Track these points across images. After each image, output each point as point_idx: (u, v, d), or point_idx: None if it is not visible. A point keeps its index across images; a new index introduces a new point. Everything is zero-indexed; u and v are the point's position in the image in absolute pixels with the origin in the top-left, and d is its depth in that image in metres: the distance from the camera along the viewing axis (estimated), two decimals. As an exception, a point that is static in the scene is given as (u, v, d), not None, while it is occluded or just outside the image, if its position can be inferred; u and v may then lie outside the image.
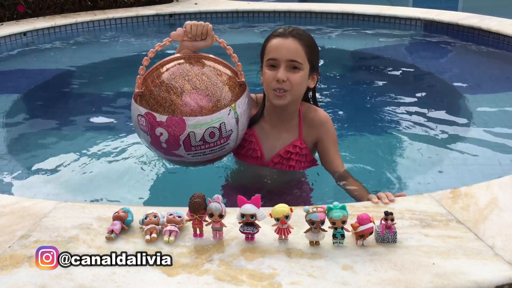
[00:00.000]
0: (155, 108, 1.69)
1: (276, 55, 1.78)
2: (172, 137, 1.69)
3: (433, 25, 5.93)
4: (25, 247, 1.35)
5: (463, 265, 1.26)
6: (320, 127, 1.96)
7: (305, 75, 1.82)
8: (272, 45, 1.80)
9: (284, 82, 1.78)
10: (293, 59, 1.77)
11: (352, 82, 4.48)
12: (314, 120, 1.96)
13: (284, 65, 1.78)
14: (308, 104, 2.00)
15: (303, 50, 1.78)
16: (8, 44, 5.53)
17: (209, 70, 1.75)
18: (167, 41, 1.76)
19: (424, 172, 2.48)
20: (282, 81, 1.77)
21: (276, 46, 1.79)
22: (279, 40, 1.79)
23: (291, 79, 1.79)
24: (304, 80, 1.84)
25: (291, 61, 1.78)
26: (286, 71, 1.78)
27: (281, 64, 1.78)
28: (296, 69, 1.79)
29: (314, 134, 1.96)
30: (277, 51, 1.78)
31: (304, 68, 1.81)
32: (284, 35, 1.79)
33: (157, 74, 1.74)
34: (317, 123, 1.96)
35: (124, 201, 2.21)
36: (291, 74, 1.79)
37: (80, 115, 3.58)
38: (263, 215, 1.33)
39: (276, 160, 1.96)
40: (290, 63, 1.78)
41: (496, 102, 3.63)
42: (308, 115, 1.96)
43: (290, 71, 1.79)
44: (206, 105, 1.68)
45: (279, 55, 1.78)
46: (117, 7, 6.92)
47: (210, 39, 1.82)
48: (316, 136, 1.97)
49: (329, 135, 1.96)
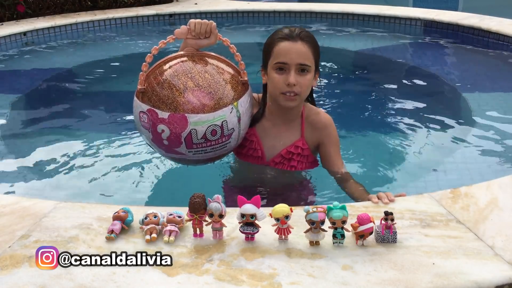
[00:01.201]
0: (157, 105, 1.69)
1: (286, 59, 1.78)
2: (174, 134, 1.69)
3: (433, 25, 5.93)
4: (25, 247, 1.35)
5: (463, 265, 1.26)
6: (322, 130, 1.96)
7: (312, 76, 1.83)
8: (281, 49, 1.79)
9: (295, 86, 1.78)
10: (303, 63, 1.78)
11: (352, 82, 4.48)
12: (316, 123, 1.96)
13: (294, 69, 1.78)
14: (310, 106, 2.00)
15: (311, 53, 1.79)
16: (8, 44, 5.52)
17: (212, 68, 1.75)
18: (170, 39, 1.76)
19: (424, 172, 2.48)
20: (293, 85, 1.78)
21: (285, 49, 1.78)
22: (288, 44, 1.78)
23: (301, 82, 1.79)
24: (311, 81, 1.85)
25: (301, 65, 1.78)
26: (296, 75, 1.78)
27: (291, 68, 1.78)
28: (305, 72, 1.80)
29: (317, 137, 1.97)
30: (287, 55, 1.78)
31: (312, 70, 1.81)
32: (293, 38, 1.78)
33: (160, 71, 1.74)
34: (319, 126, 1.96)
35: (124, 201, 2.21)
36: (300, 78, 1.79)
37: (80, 115, 3.58)
38: (263, 215, 1.33)
39: (277, 160, 1.96)
40: (299, 67, 1.78)
41: (496, 102, 3.63)
42: (311, 117, 1.96)
43: (299, 74, 1.79)
44: (208, 103, 1.68)
45: (289, 60, 1.77)
46: (117, 7, 6.91)
47: (214, 37, 1.82)
48: (318, 139, 1.97)
49: (331, 139, 1.96)
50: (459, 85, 4.10)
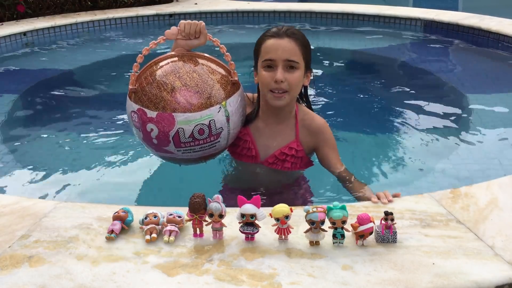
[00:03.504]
0: (147, 104, 1.72)
1: (273, 56, 1.78)
2: (162, 133, 1.72)
3: (433, 25, 5.93)
4: (25, 247, 1.35)
5: (463, 265, 1.26)
6: (319, 135, 1.96)
7: (301, 74, 1.83)
8: (268, 46, 1.80)
9: (283, 82, 1.78)
10: (290, 58, 1.78)
11: (352, 82, 4.48)
12: (311, 127, 1.96)
13: (282, 65, 1.78)
14: (304, 109, 2.00)
15: (299, 49, 1.79)
16: (8, 44, 5.52)
17: (201, 68, 1.77)
18: (161, 39, 1.78)
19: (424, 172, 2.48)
20: (280, 81, 1.78)
21: (272, 46, 1.79)
22: (274, 41, 1.79)
23: (289, 79, 1.79)
24: (301, 79, 1.85)
25: (288, 61, 1.78)
26: (284, 71, 1.78)
27: (279, 65, 1.78)
28: (293, 69, 1.80)
29: (313, 142, 1.97)
30: (274, 51, 1.78)
31: (301, 67, 1.81)
32: (279, 35, 1.79)
33: (150, 71, 1.77)
34: (315, 131, 1.96)
35: (124, 201, 2.21)
36: (288, 74, 1.79)
37: (80, 115, 3.58)
38: (263, 215, 1.33)
39: (271, 161, 1.96)
40: (287, 63, 1.78)
41: (496, 102, 3.62)
42: (306, 121, 1.96)
43: (288, 71, 1.79)
44: (196, 102, 1.70)
45: (276, 56, 1.78)
46: (117, 7, 6.91)
47: (204, 37, 1.84)
48: (314, 144, 1.97)
49: (328, 142, 1.96)
50: (459, 85, 4.10)
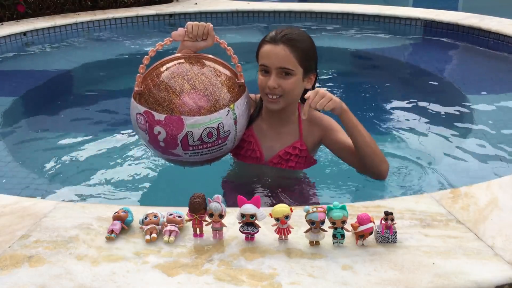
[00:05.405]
0: (154, 107, 1.69)
1: (266, 62, 1.79)
2: (170, 136, 1.69)
3: (433, 25, 5.92)
4: (25, 247, 1.35)
5: (463, 265, 1.26)
6: (321, 122, 1.95)
7: (298, 79, 1.82)
8: (264, 52, 1.80)
9: (276, 88, 1.78)
10: (283, 66, 1.77)
11: (352, 82, 4.48)
12: (314, 118, 1.95)
13: (275, 72, 1.78)
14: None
15: (294, 56, 1.77)
16: (8, 44, 5.52)
17: (209, 71, 1.75)
18: (168, 41, 1.77)
19: (424, 172, 2.48)
20: (273, 88, 1.78)
21: (266, 53, 1.79)
22: (269, 47, 1.79)
23: (283, 85, 1.79)
24: (298, 84, 1.83)
25: (282, 69, 1.78)
26: (278, 78, 1.78)
27: (272, 71, 1.78)
28: (288, 75, 1.79)
29: (317, 133, 1.95)
30: (268, 58, 1.78)
31: (297, 73, 1.80)
32: (275, 41, 1.78)
33: (157, 73, 1.74)
34: (317, 121, 1.95)
35: (124, 201, 2.21)
36: (283, 81, 1.79)
37: (80, 115, 3.58)
38: (263, 215, 1.33)
39: (275, 161, 1.96)
40: (281, 70, 1.78)
41: (496, 102, 3.62)
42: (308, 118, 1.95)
43: (282, 77, 1.79)
44: (205, 105, 1.69)
45: (270, 63, 1.78)
46: (117, 7, 6.91)
47: (211, 39, 1.83)
48: (318, 135, 1.96)
49: (333, 127, 1.94)
50: (459, 85, 4.10)
